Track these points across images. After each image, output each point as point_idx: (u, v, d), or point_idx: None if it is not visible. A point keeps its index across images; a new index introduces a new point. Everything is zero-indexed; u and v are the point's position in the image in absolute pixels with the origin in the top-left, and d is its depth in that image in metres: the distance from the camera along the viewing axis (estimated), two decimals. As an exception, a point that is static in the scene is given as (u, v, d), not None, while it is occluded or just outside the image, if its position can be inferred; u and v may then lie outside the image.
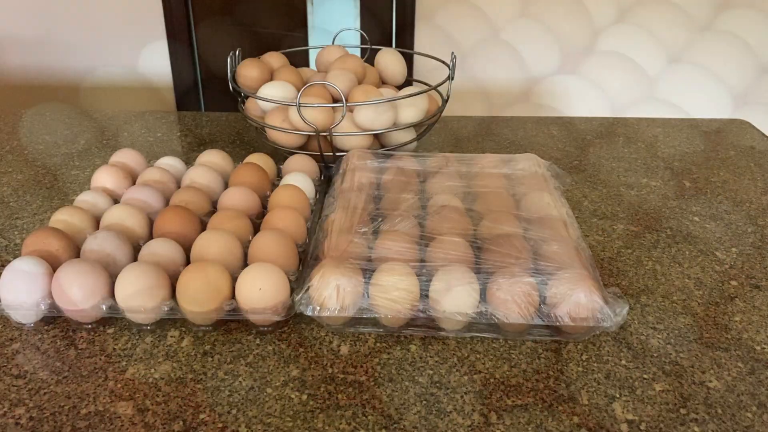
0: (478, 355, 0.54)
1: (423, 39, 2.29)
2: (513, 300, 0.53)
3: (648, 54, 2.27)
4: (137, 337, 0.56)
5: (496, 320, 0.54)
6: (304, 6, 2.41)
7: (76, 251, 0.61)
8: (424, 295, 0.55)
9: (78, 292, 0.54)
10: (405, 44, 2.32)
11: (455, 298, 0.54)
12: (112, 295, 0.56)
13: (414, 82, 0.99)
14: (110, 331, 0.57)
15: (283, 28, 2.45)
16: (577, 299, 0.53)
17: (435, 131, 1.00)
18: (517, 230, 0.61)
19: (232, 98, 0.89)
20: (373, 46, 0.97)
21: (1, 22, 2.34)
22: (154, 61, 2.41)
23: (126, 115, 1.06)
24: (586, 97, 2.35)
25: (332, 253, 0.57)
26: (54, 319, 0.57)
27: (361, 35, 0.98)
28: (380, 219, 0.64)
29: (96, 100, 2.45)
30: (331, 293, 0.54)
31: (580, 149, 0.95)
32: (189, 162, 0.81)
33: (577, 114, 2.36)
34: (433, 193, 0.69)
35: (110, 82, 2.43)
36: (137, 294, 0.54)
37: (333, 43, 0.96)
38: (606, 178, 0.86)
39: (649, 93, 2.34)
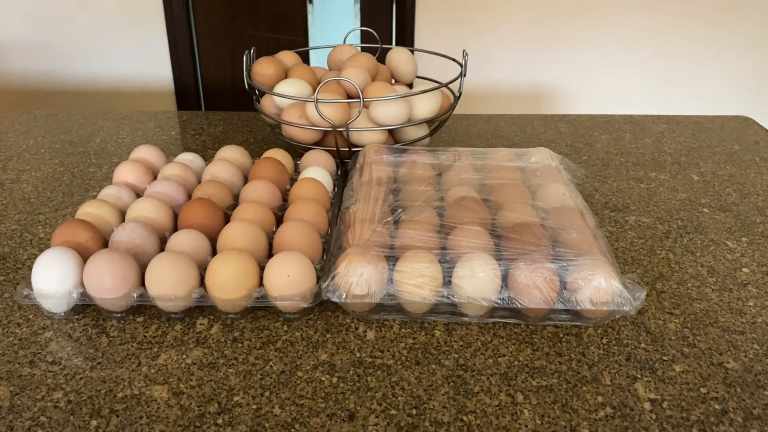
0: (501, 340, 0.55)
1: (422, 37, 2.32)
2: (535, 285, 0.55)
3: (653, 53, 2.30)
4: (167, 325, 0.57)
5: (518, 305, 0.55)
6: (304, 7, 2.43)
7: (103, 243, 0.62)
8: (448, 281, 0.56)
9: (109, 281, 0.55)
10: (405, 43, 2.35)
11: (479, 284, 0.55)
12: (141, 284, 0.57)
13: (417, 79, 1.00)
14: (140, 319, 0.58)
15: (284, 30, 2.47)
16: (598, 284, 0.54)
17: (445, 129, 1.02)
18: (535, 219, 0.63)
19: (232, 101, 0.91)
20: (384, 45, 0.99)
21: (2, 27, 2.35)
22: (156, 65, 2.42)
23: (139, 114, 1.08)
24: (586, 95, 2.38)
25: (357, 242, 0.59)
26: (84, 309, 0.59)
27: (372, 34, 0.99)
28: (400, 210, 0.65)
29: (97, 103, 2.47)
30: (358, 280, 0.55)
31: (588, 145, 0.97)
32: (206, 159, 0.82)
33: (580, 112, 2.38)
34: (449, 186, 0.71)
35: (111, 86, 2.44)
36: (168, 282, 0.55)
37: (344, 42, 0.98)
38: (615, 172, 0.87)
39: (654, 91, 2.36)
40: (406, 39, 2.34)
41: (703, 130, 1.03)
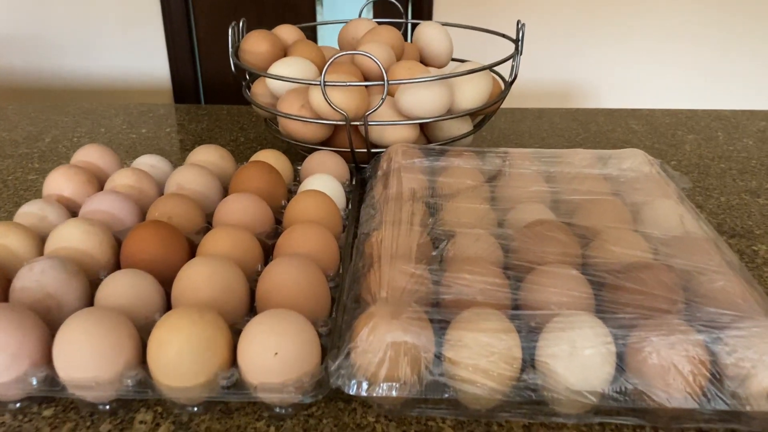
0: (619, 458, 0.34)
1: (442, 12, 2.12)
2: (675, 370, 0.34)
3: (696, 43, 2.09)
4: (88, 424, 0.36)
5: (650, 402, 0.34)
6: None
7: (5, 289, 0.41)
8: (530, 359, 0.35)
9: (-6, 358, 0.35)
10: (423, 18, 2.15)
11: (584, 366, 0.34)
12: (50, 359, 0.36)
13: (452, 62, 0.80)
14: (47, 413, 0.37)
15: (290, 21, 2.27)
16: (778, 369, 0.33)
17: (486, 125, 0.81)
18: (649, 255, 0.42)
19: (235, 96, 0.70)
20: (411, 20, 0.78)
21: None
22: (152, 59, 2.24)
23: (105, 108, 0.87)
24: (620, 88, 2.17)
25: (385, 295, 0.38)
26: (-35, 394, 0.38)
27: (396, 7, 0.78)
28: (445, 240, 0.44)
29: (90, 100, 2.28)
30: (386, 358, 0.35)
31: (673, 147, 0.75)
32: (178, 164, 0.62)
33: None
34: (512, 202, 0.50)
35: (105, 81, 2.26)
36: (87, 359, 0.35)
37: (360, 16, 0.78)
38: (719, 182, 0.66)
39: (701, 84, 2.16)
40: (424, 10, 2.14)
41: (815, 127, 0.82)
